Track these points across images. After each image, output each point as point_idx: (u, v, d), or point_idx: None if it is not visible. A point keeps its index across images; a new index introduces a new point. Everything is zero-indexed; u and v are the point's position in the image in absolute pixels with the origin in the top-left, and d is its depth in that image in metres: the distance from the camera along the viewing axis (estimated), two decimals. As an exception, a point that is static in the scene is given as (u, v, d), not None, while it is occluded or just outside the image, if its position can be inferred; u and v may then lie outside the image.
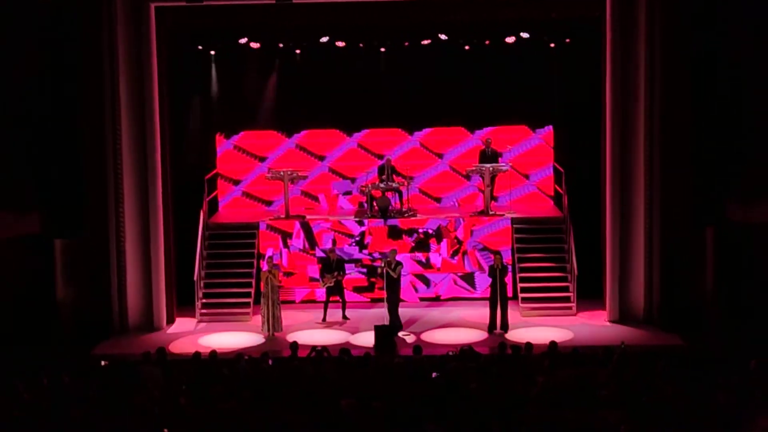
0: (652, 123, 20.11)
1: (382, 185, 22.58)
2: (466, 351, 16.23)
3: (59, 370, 15.24)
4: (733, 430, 12.20)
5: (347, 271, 21.43)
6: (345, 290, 21.26)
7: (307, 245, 22.39)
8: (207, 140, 24.22)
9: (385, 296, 20.23)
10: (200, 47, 23.49)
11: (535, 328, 20.13)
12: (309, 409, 13.35)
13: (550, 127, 24.06)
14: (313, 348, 16.76)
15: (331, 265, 20.95)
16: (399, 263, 20.36)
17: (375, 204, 22.42)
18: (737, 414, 12.59)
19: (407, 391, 13.88)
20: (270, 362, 16.01)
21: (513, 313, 20.52)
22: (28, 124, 20.22)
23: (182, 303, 21.41)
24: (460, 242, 22.27)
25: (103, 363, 16.03)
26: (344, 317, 20.98)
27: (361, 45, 23.30)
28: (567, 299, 21.16)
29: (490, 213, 22.46)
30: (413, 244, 22.27)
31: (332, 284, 20.89)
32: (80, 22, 19.96)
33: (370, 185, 22.67)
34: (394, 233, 22.30)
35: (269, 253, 21.86)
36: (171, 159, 21.21)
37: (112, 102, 20.06)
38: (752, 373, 14.42)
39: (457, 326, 20.55)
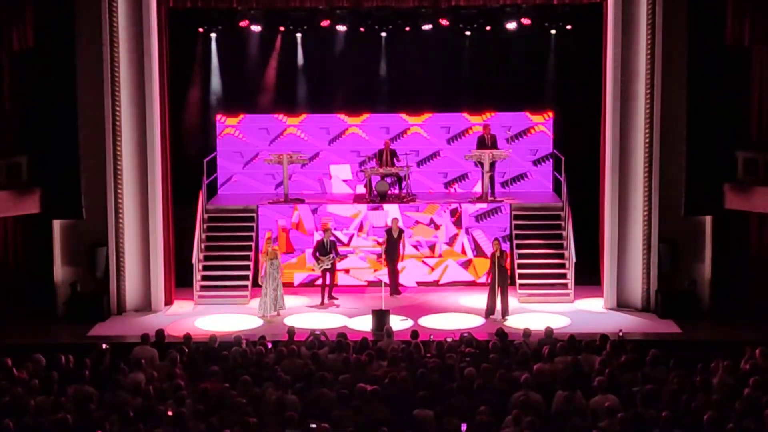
0: (652, 110, 20.14)
1: (381, 170, 22.60)
2: (465, 338, 16.26)
3: (56, 351, 15.26)
4: (726, 417, 12.25)
5: (342, 253, 21.44)
6: (336, 272, 21.26)
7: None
8: (207, 122, 24.22)
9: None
10: (201, 29, 23.46)
11: (532, 315, 20.16)
12: (305, 392, 13.42)
13: (551, 113, 24.06)
14: (312, 332, 16.80)
15: (326, 248, 20.97)
16: (400, 230, 21.13)
17: (374, 188, 22.44)
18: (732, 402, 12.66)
19: (404, 376, 13.93)
20: (269, 345, 16.07)
21: (511, 300, 20.54)
22: (27, 104, 20.21)
23: (180, 285, 21.44)
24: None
25: (104, 346, 16.05)
26: (331, 296, 20.99)
27: (362, 29, 23.26)
28: (565, 286, 21.20)
29: (489, 199, 22.48)
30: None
31: (329, 267, 20.93)
32: (80, 0, 19.92)
33: (369, 170, 22.69)
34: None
35: (268, 234, 21.85)
36: (171, 141, 21.21)
37: (111, 83, 20.06)
38: (758, 361, 14.47)
39: (455, 311, 20.59)
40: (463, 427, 12.56)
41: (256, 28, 22.96)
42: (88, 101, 20.13)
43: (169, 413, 12.54)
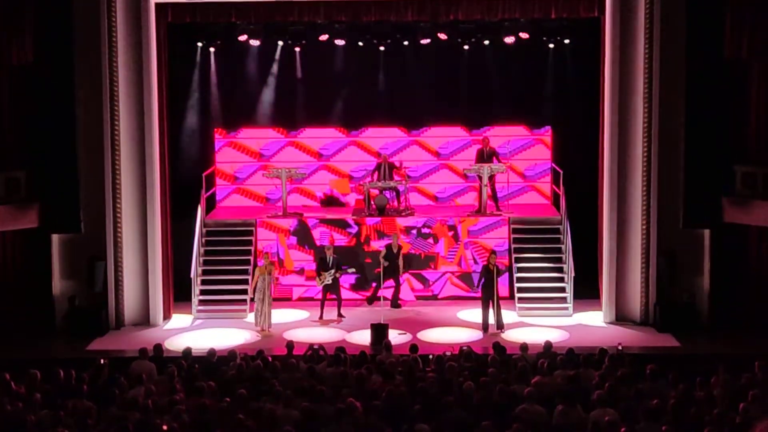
0: (650, 124, 20.14)
1: (379, 184, 22.59)
2: (465, 352, 16.22)
3: (54, 365, 15.21)
4: (726, 431, 12.23)
5: (344, 269, 21.46)
6: (341, 288, 21.28)
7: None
8: (205, 136, 24.21)
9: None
10: (200, 43, 23.48)
11: (531, 329, 20.14)
12: (303, 406, 13.37)
13: (549, 127, 24.08)
14: (310, 346, 16.76)
15: (328, 263, 20.97)
16: (400, 246, 21.27)
17: (372, 202, 22.43)
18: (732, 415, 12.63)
19: (402, 390, 13.89)
20: (270, 359, 16.02)
21: (510, 314, 20.54)
22: (26, 119, 20.23)
23: (179, 299, 21.41)
24: (455, 239, 22.33)
25: (102, 361, 16.01)
26: (339, 315, 21.00)
27: (360, 44, 23.30)
28: (563, 300, 21.17)
29: (488, 213, 22.46)
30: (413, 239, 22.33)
31: (330, 282, 20.90)
32: (80, 15, 19.95)
33: (368, 183, 22.68)
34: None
35: (266, 249, 21.85)
36: (169, 155, 21.22)
37: (110, 97, 20.08)
38: (756, 375, 14.45)
39: (453, 325, 20.57)
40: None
41: (254, 43, 22.98)
42: (86, 116, 20.16)
43: (165, 428, 12.48)
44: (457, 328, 20.43)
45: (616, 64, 20.23)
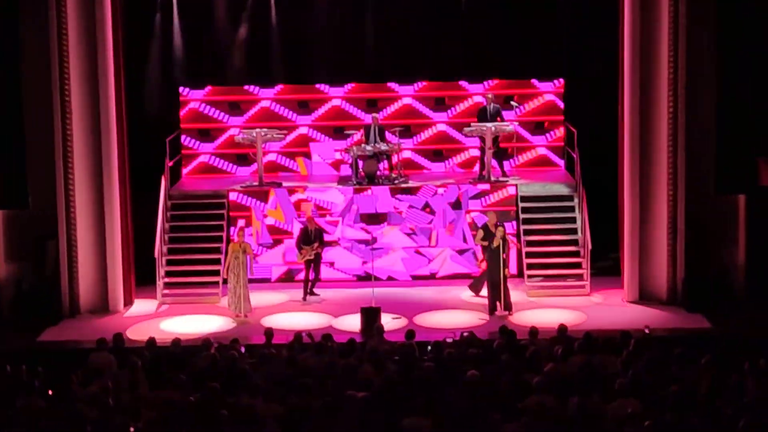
0: (676, 79, 20.13)
1: (368, 148, 22.60)
2: (467, 338, 16.30)
3: (1, 359, 15.29)
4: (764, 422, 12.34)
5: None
6: (321, 265, 21.40)
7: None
8: (169, 97, 24.19)
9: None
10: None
11: (542, 310, 20.25)
12: (287, 400, 13.46)
13: (562, 81, 24.07)
14: (296, 333, 16.77)
15: (310, 236, 21.04)
16: (497, 226, 20.37)
17: (361, 170, 22.47)
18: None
19: (397, 380, 13.98)
20: (242, 349, 16.10)
21: (518, 294, 20.64)
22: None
23: (141, 283, 21.47)
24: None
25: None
26: (311, 293, 21.10)
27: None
28: (580, 277, 21.27)
29: (492, 179, 22.52)
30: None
31: (312, 257, 21.00)
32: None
33: (355, 148, 22.69)
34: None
35: (241, 223, 21.88)
36: (127, 118, 21.19)
37: (59, 54, 20.00)
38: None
39: (454, 308, 20.68)
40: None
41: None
42: (33, 77, 20.18)
43: (132, 430, 12.57)
44: (459, 311, 20.53)
45: (637, 11, 20.21)
